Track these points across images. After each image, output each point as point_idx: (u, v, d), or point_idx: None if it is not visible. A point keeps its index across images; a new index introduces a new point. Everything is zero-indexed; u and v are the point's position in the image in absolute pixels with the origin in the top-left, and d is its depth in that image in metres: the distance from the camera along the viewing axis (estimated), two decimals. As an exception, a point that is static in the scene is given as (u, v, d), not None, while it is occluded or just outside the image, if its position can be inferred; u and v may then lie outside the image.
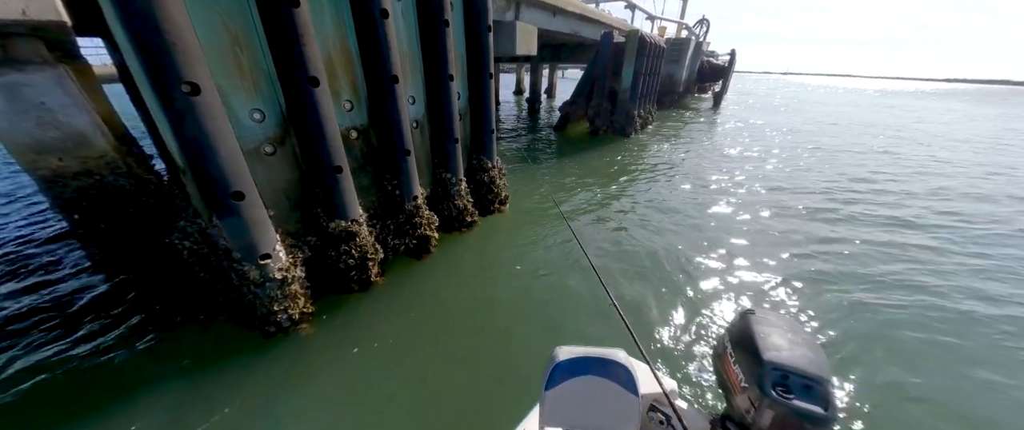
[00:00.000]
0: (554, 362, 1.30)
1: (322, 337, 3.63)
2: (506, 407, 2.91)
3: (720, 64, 30.46)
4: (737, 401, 1.22)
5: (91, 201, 4.64)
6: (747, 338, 1.24)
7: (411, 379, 3.20)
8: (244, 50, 2.91)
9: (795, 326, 1.27)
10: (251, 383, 3.12)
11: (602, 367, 1.28)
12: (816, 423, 1.07)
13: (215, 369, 3.26)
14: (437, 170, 5.29)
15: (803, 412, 1.07)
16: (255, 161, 3.18)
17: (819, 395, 1.08)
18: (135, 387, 3.11)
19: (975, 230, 6.44)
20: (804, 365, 1.12)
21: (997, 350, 3.67)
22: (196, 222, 3.46)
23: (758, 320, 1.28)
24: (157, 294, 4.34)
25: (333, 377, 3.22)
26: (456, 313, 4.05)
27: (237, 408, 2.92)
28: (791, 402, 1.08)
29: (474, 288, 4.53)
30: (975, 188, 8.84)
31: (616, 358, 1.27)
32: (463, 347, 3.59)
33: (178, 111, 2.49)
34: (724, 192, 8.20)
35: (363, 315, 3.95)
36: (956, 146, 14.16)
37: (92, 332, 3.80)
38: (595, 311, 4.04)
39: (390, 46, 3.73)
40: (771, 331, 1.23)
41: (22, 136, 4.14)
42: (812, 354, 1.16)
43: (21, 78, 3.98)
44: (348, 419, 2.88)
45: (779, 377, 1.11)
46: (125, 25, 2.29)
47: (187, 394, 3.04)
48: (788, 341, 1.19)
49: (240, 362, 3.32)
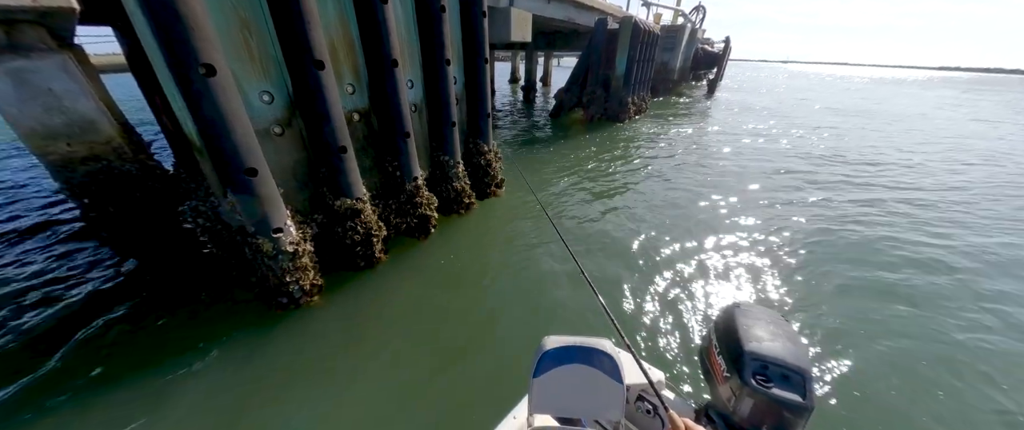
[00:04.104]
0: (542, 351, 1.33)
1: (330, 310, 3.86)
2: (497, 376, 3.15)
3: (715, 52, 30.53)
4: (720, 391, 1.26)
5: (100, 186, 4.79)
6: (731, 330, 1.28)
7: (415, 349, 3.43)
8: (253, 34, 3.06)
9: (778, 319, 1.31)
10: (260, 354, 3.32)
11: (588, 356, 1.32)
12: (794, 411, 1.10)
13: (227, 341, 3.46)
14: (435, 153, 5.48)
15: (781, 400, 1.10)
16: (265, 141, 3.36)
17: (797, 384, 1.11)
18: (149, 359, 3.30)
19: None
20: (783, 355, 1.15)
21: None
22: (209, 200, 3.65)
23: (742, 313, 1.32)
24: (168, 273, 4.53)
25: (341, 347, 3.45)
26: (456, 290, 4.29)
27: (247, 377, 3.12)
28: (770, 391, 1.11)
29: (473, 267, 4.77)
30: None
31: (602, 347, 1.30)
32: (462, 322, 3.81)
33: (196, 92, 2.66)
34: (712, 178, 8.48)
35: (369, 290, 4.18)
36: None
37: (105, 307, 4.00)
38: (585, 297, 4.16)
39: (390, 31, 3.89)
40: (754, 323, 1.27)
41: (31, 122, 4.26)
42: (792, 346, 1.19)
43: (28, 64, 4.08)
44: (356, 386, 3.09)
45: (759, 367, 1.15)
46: (145, 10, 2.45)
47: (200, 365, 3.24)
48: (769, 333, 1.23)
49: (252, 334, 3.53)
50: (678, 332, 3.72)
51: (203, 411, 2.85)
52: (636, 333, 3.69)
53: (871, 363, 3.36)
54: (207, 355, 3.33)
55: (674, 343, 3.58)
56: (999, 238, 5.78)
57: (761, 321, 1.27)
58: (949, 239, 5.73)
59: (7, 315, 3.95)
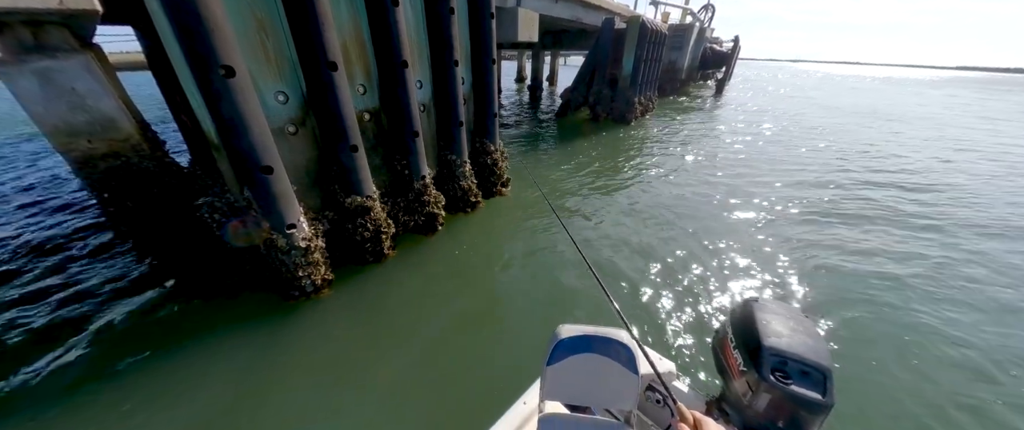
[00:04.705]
0: (557, 339, 1.32)
1: (340, 303, 3.98)
2: (502, 364, 3.23)
3: (724, 51, 30.26)
4: (735, 385, 1.23)
5: (119, 181, 4.95)
6: (749, 324, 1.25)
7: (421, 339, 3.54)
8: (269, 36, 3.17)
9: (797, 315, 1.28)
10: (274, 343, 3.45)
11: (604, 346, 1.31)
12: (812, 409, 1.07)
13: (241, 329, 3.60)
14: (443, 152, 5.57)
15: (799, 397, 1.07)
16: (280, 139, 3.47)
17: (817, 381, 1.09)
18: (168, 347, 3.44)
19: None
20: (803, 352, 1.13)
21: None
22: (225, 197, 3.77)
23: (760, 307, 1.29)
24: (183, 265, 4.67)
25: (349, 336, 3.56)
26: (461, 285, 4.38)
27: (259, 366, 3.24)
28: (788, 387, 1.09)
29: (479, 263, 4.86)
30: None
31: (619, 338, 1.29)
32: (467, 314, 3.91)
33: (215, 92, 2.77)
34: (719, 177, 8.47)
35: (377, 284, 4.29)
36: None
37: (127, 297, 4.16)
38: (591, 290, 4.25)
39: (400, 33, 3.98)
40: (772, 318, 1.24)
41: (56, 119, 4.41)
42: (813, 342, 1.17)
43: (53, 64, 4.22)
44: (363, 373, 3.20)
45: (778, 362, 1.12)
46: (168, 12, 2.55)
47: (216, 353, 3.38)
48: (789, 329, 1.20)
49: (265, 323, 3.66)
50: (687, 324, 3.78)
51: (221, 393, 2.99)
52: (643, 325, 3.77)
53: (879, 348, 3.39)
54: (223, 342, 3.47)
55: (682, 335, 3.64)
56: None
57: (780, 316, 1.25)
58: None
59: (30, 305, 4.12)
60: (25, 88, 4.03)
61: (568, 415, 1.57)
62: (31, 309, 4.08)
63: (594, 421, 1.54)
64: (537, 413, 1.54)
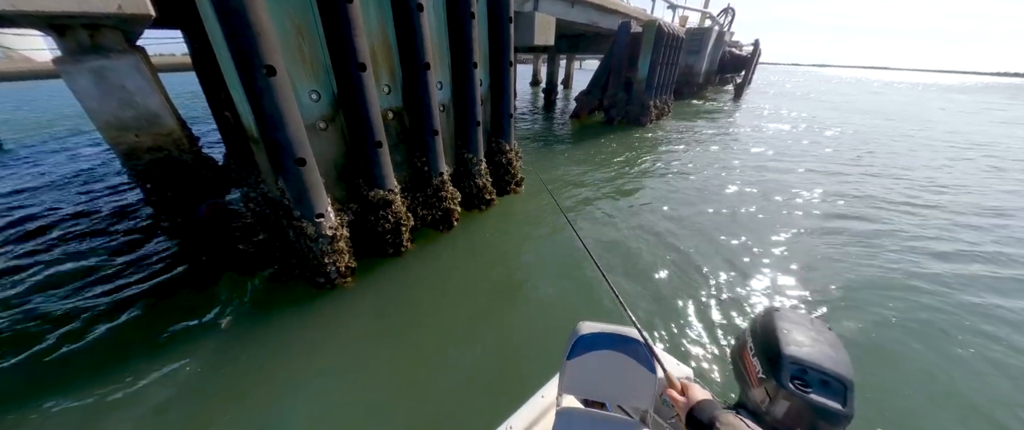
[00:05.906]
0: (577, 335, 1.35)
1: (361, 292, 4.21)
2: (516, 357, 3.36)
3: (743, 55, 29.80)
4: (753, 393, 1.24)
5: (161, 173, 5.33)
6: (769, 332, 1.25)
7: (438, 329, 3.71)
8: (306, 39, 3.43)
9: (820, 326, 1.29)
10: (299, 328, 3.66)
11: (624, 344, 1.32)
12: (831, 420, 1.07)
13: (268, 315, 3.84)
14: (460, 150, 5.78)
15: (819, 406, 1.07)
16: (312, 135, 3.73)
17: (837, 391, 1.08)
18: (199, 329, 3.71)
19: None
20: (824, 361, 1.13)
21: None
22: (259, 188, 4.06)
23: (781, 316, 1.30)
24: (218, 253, 4.99)
25: (370, 324, 3.78)
26: (475, 279, 4.57)
27: (284, 350, 3.45)
28: (808, 396, 1.08)
29: (492, 258, 5.05)
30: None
31: (638, 337, 1.30)
32: (482, 306, 4.09)
33: (258, 90, 3.04)
34: (735, 182, 8.45)
35: (396, 275, 4.51)
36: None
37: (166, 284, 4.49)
38: (602, 290, 4.28)
39: (424, 36, 4.21)
40: (794, 328, 1.24)
41: (107, 115, 4.79)
42: (834, 353, 1.17)
43: (107, 64, 4.59)
44: (383, 360, 3.38)
45: (797, 371, 1.13)
46: (220, 18, 2.82)
47: (243, 335, 3.62)
48: (811, 338, 1.20)
49: (292, 309, 3.90)
50: (704, 330, 3.73)
51: (246, 370, 3.22)
52: (656, 329, 3.75)
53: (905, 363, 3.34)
54: (253, 324, 3.73)
55: (700, 342, 3.59)
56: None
57: (802, 326, 1.26)
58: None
59: (75, 283, 4.49)
60: (82, 85, 4.41)
61: (585, 410, 1.62)
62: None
63: (609, 418, 1.57)
64: (554, 407, 1.59)
